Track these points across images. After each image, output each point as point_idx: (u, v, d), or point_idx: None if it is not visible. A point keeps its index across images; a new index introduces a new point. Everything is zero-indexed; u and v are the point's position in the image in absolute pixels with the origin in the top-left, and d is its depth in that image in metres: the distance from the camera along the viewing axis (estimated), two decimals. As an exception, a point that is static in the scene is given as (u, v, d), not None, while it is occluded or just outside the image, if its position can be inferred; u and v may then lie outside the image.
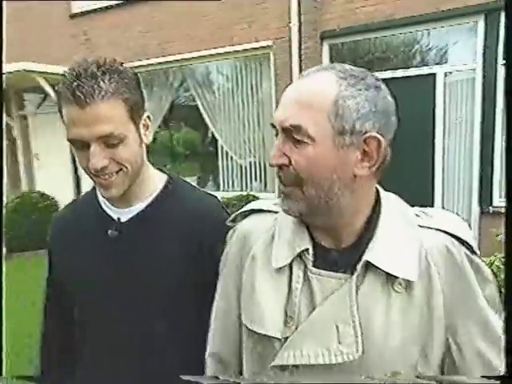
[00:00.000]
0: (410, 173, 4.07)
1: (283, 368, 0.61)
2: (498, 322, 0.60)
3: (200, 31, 5.23)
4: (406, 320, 0.59)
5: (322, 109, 0.56)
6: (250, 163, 5.34)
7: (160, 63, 5.59)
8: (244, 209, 0.76)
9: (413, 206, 0.69)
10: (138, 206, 0.83)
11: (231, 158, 5.45)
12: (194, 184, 0.96)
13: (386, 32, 4.39)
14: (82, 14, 5.92)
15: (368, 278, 0.60)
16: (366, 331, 0.58)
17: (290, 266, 0.64)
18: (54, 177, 6.29)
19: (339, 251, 0.63)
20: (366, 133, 0.57)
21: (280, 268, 0.64)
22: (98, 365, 0.82)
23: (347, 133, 0.56)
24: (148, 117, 0.83)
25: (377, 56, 4.59)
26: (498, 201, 4.03)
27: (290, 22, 4.69)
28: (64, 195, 5.66)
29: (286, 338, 0.62)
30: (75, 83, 0.67)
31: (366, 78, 0.58)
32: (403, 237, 0.61)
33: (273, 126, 0.62)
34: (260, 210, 0.74)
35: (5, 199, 5.29)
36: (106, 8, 5.75)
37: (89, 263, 0.81)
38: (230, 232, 0.77)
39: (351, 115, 0.56)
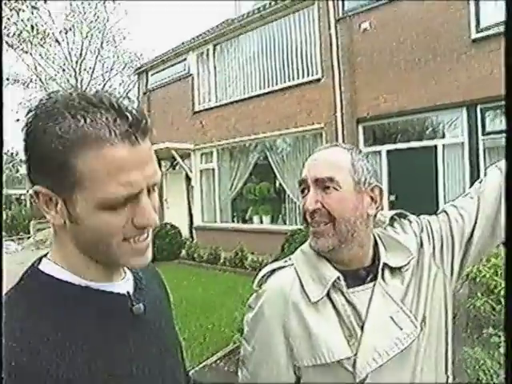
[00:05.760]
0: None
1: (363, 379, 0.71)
2: None
3: (274, 118, 7.83)
4: (422, 278, 0.80)
5: (345, 168, 0.78)
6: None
7: (248, 140, 8.31)
8: (263, 273, 0.84)
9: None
10: (128, 273, 0.65)
11: (294, 202, 7.70)
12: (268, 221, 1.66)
13: (400, 118, 6.43)
14: (201, 111, 9.15)
15: (386, 277, 0.79)
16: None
17: (328, 296, 0.76)
18: (176, 214, 9.27)
19: (364, 269, 0.80)
20: (371, 184, 0.80)
21: (319, 302, 0.75)
22: None
23: (361, 183, 0.78)
24: None
25: (395, 132, 6.60)
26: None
27: (335, 112, 7.00)
28: (183, 226, 8.53)
29: (355, 355, 0.72)
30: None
31: (361, 151, 0.84)
32: (393, 243, 0.83)
33: (300, 183, 0.81)
34: (275, 269, 0.83)
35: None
36: (215, 107, 8.91)
37: (116, 356, 0.55)
38: (254, 295, 0.83)
39: (363, 172, 0.79)
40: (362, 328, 0.73)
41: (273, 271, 0.83)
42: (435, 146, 6.06)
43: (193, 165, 9.32)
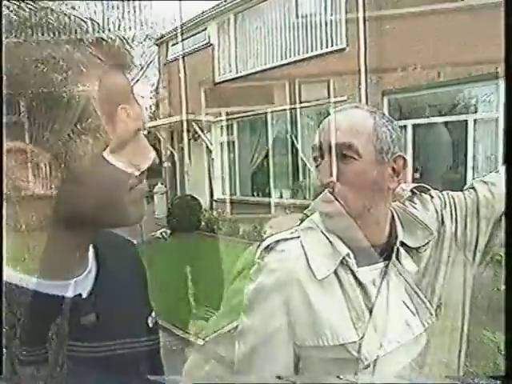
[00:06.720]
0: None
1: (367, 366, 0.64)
2: None
3: (296, 90, 7.60)
4: (441, 261, 0.73)
5: (366, 133, 0.68)
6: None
7: (269, 112, 8.16)
8: (266, 243, 0.77)
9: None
10: (91, 262, 0.56)
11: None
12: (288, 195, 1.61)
13: (428, 91, 6.08)
14: (221, 82, 8.98)
15: (401, 257, 0.71)
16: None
17: (336, 274, 0.69)
18: (198, 185, 9.35)
19: (378, 247, 0.72)
20: (394, 153, 0.70)
21: (325, 280, 0.68)
22: None
23: (384, 152, 0.68)
24: None
25: (423, 106, 6.28)
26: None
27: (360, 84, 6.70)
28: (203, 198, 8.68)
29: (361, 339, 0.65)
30: None
31: (384, 114, 0.74)
32: (412, 220, 0.75)
33: (313, 149, 0.74)
34: (279, 241, 0.76)
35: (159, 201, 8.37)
36: (235, 78, 8.71)
37: None
38: (256, 267, 0.76)
39: (387, 139, 0.69)
40: (370, 311, 0.67)
41: (276, 242, 0.75)
42: (466, 122, 5.73)
43: (213, 137, 9.27)
